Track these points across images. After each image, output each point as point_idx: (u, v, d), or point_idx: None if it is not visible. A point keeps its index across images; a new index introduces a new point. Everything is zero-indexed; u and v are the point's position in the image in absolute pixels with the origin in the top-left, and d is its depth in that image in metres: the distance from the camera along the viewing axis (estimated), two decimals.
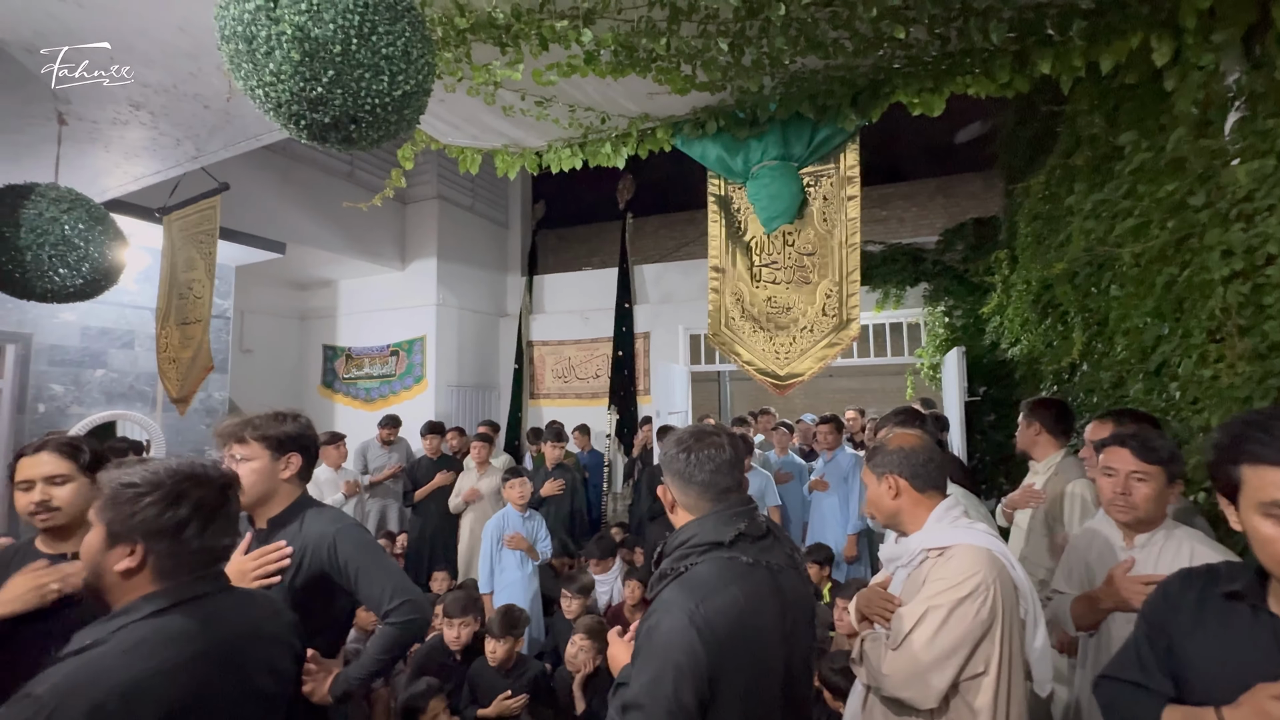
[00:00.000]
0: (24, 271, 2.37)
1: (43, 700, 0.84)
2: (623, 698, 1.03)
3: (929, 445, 1.54)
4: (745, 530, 1.15)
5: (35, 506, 1.46)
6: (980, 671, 1.31)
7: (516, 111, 2.50)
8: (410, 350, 6.39)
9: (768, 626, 1.10)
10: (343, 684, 1.47)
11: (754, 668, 1.07)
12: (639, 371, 6.57)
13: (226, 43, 1.41)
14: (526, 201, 7.84)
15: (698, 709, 1.00)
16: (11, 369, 3.85)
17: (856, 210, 2.49)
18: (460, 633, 2.95)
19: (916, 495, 1.48)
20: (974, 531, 1.41)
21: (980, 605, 1.29)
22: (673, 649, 1.01)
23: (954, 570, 1.33)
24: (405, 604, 1.49)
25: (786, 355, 2.59)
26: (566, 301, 7.17)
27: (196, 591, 1.04)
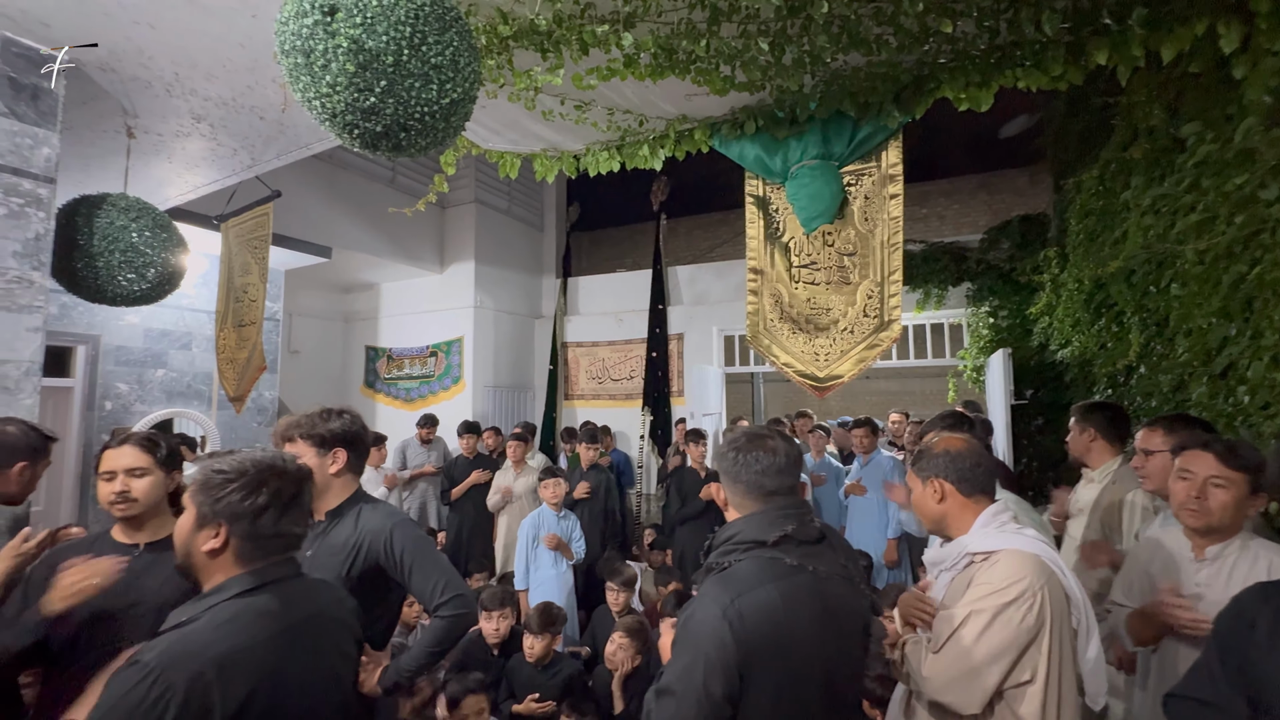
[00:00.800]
0: (96, 277, 2.52)
1: (150, 667, 0.92)
2: (657, 685, 1.07)
3: (976, 449, 1.50)
4: (792, 532, 1.15)
5: (115, 496, 1.54)
6: (1026, 680, 1.27)
7: (556, 116, 2.53)
8: (448, 351, 6.53)
9: (805, 631, 1.10)
10: (392, 675, 1.52)
11: (787, 670, 1.07)
12: (673, 373, 6.56)
13: (286, 56, 1.47)
14: (561, 204, 7.92)
15: (726, 700, 1.01)
16: (82, 368, 4.09)
17: (899, 209, 2.44)
18: (499, 625, 3.00)
19: (963, 500, 1.44)
20: (1022, 537, 1.37)
21: (1026, 611, 1.26)
22: (703, 640, 1.03)
23: (999, 575, 1.30)
24: (455, 599, 1.55)
25: (826, 357, 2.56)
26: (600, 303, 7.22)
27: (277, 575, 1.11)
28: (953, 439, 1.54)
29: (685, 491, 4.49)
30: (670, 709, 1.03)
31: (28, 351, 2.09)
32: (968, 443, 1.51)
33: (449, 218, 6.74)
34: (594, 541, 4.27)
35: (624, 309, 6.93)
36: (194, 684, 0.92)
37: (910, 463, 1.59)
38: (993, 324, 4.94)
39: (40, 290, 2.12)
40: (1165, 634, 1.54)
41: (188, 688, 0.92)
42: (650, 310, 6.60)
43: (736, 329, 6.51)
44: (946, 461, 1.46)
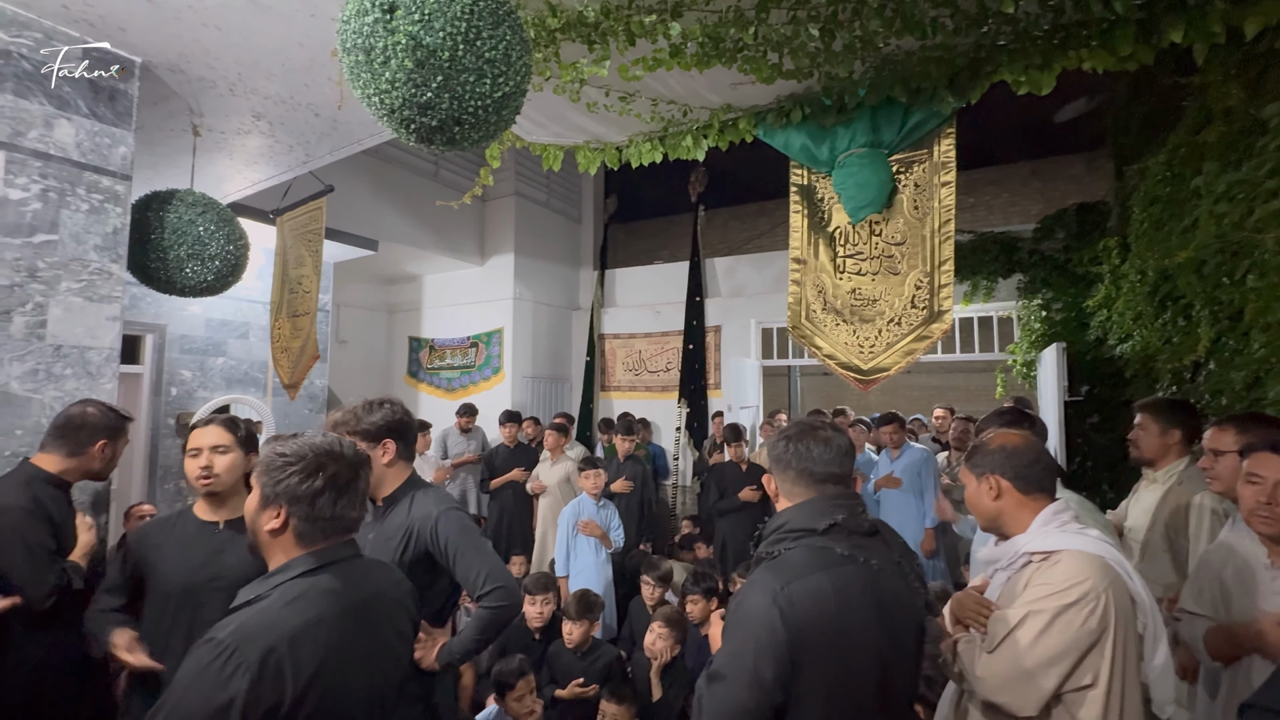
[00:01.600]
0: (166, 268, 2.66)
1: (225, 643, 0.96)
2: (708, 670, 1.08)
3: (1035, 445, 1.46)
4: (842, 521, 1.15)
5: (201, 471, 1.65)
6: (1088, 684, 1.24)
7: (600, 107, 2.54)
8: (489, 342, 6.65)
9: (857, 621, 1.09)
10: (446, 655, 1.58)
11: (840, 660, 1.06)
12: (709, 365, 6.54)
13: (347, 54, 1.52)
14: (599, 196, 7.95)
15: (777, 684, 1.01)
16: (150, 356, 4.33)
17: (951, 197, 2.37)
18: (542, 609, 3.07)
19: (1020, 497, 1.40)
20: (1085, 537, 1.33)
21: (1089, 614, 1.22)
22: (753, 625, 1.04)
23: (1060, 576, 1.27)
24: (498, 590, 1.56)
25: (871, 349, 2.51)
26: (637, 295, 7.23)
27: (338, 555, 1.15)
28: (1010, 434, 1.49)
29: (725, 485, 4.49)
30: (722, 693, 1.03)
31: (108, 339, 2.22)
32: (1025, 439, 1.47)
33: (489, 211, 6.85)
34: (630, 532, 4.32)
35: (661, 301, 6.93)
36: (266, 659, 0.96)
37: (964, 459, 1.55)
38: (1046, 317, 4.75)
39: (118, 281, 2.26)
40: (1252, 654, 1.47)
41: (261, 663, 0.95)
42: (687, 302, 6.58)
43: (774, 321, 6.43)
44: (1003, 458, 1.42)
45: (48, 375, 2.08)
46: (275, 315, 3.71)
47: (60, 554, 1.76)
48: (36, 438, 1.91)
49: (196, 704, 0.92)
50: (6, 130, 2.01)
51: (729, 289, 6.75)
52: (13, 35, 2.03)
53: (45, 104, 2.09)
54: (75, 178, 2.16)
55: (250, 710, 0.93)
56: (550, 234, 7.22)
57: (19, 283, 2.03)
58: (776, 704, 1.02)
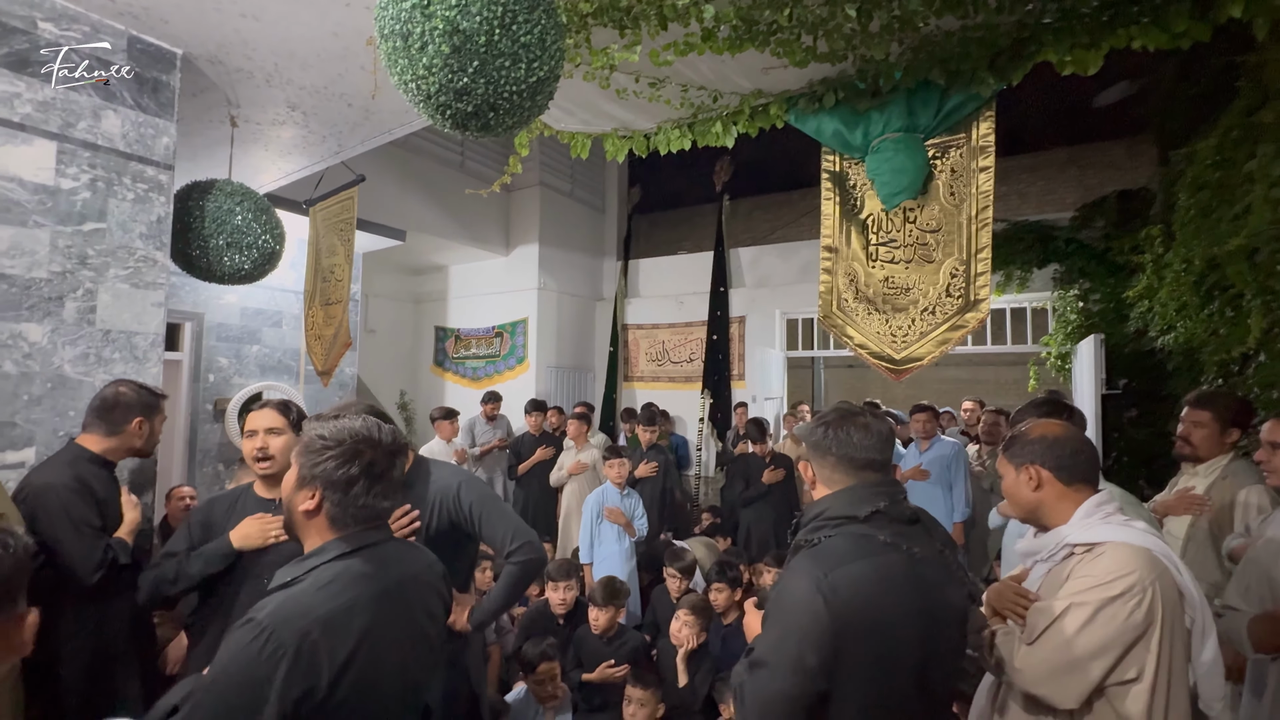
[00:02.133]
0: (207, 257, 2.73)
1: (263, 624, 0.98)
2: (750, 657, 1.07)
3: (1077, 436, 1.42)
4: (884, 509, 1.13)
5: (257, 452, 1.70)
6: (1132, 678, 1.21)
7: (629, 94, 2.53)
8: (513, 332, 6.71)
9: (900, 611, 1.07)
10: (479, 615, 1.66)
11: (882, 649, 1.05)
12: (733, 356, 6.50)
13: (385, 40, 1.53)
14: (623, 186, 7.93)
15: (821, 671, 1.00)
16: (189, 343, 4.46)
17: (990, 183, 2.31)
18: (565, 596, 3.10)
19: (1061, 488, 1.37)
20: (1130, 530, 1.29)
21: (1134, 607, 1.19)
22: (797, 612, 1.03)
23: (1104, 568, 1.24)
24: (525, 545, 1.65)
25: (904, 339, 2.47)
26: (661, 285, 7.21)
27: (371, 539, 1.15)
28: (1050, 424, 1.46)
29: (749, 475, 4.49)
30: (764, 680, 1.02)
31: (153, 324, 2.29)
32: (1067, 428, 1.43)
33: (514, 201, 6.88)
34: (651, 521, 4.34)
35: (685, 291, 6.90)
36: (303, 642, 0.97)
37: (1002, 449, 1.51)
38: (1082, 308, 4.62)
39: (162, 269, 2.32)
40: None
41: (297, 646, 0.96)
42: (711, 292, 6.54)
43: (800, 312, 6.37)
44: (1044, 447, 1.38)
45: (98, 359, 2.15)
46: (309, 303, 3.79)
47: (105, 531, 1.82)
48: None
49: (237, 683, 0.94)
50: (58, 121, 2.07)
51: (754, 279, 6.70)
52: (63, 29, 2.09)
53: (93, 95, 2.16)
54: (121, 168, 2.22)
55: (287, 693, 0.95)
56: (574, 224, 7.23)
57: (70, 269, 2.10)
58: (819, 691, 1.01)
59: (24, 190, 2.00)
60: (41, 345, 2.03)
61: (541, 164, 6.73)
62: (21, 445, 1.98)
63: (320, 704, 0.98)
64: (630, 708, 2.37)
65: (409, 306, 7.64)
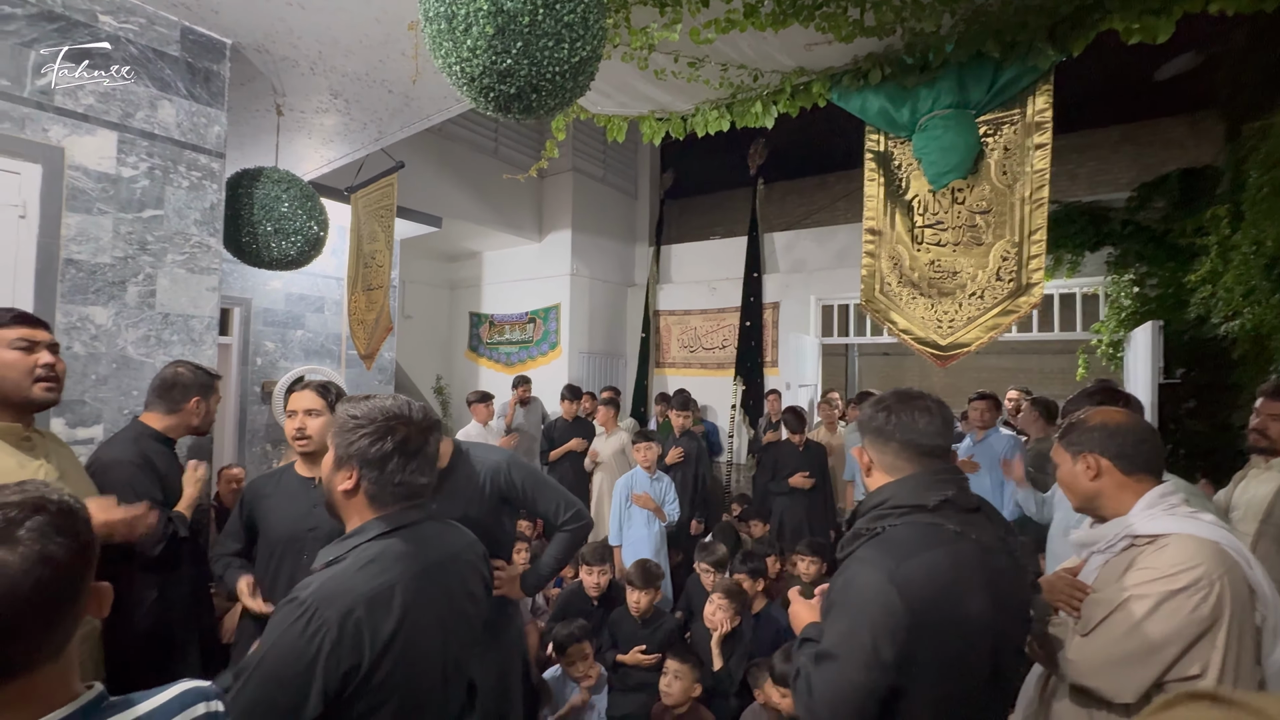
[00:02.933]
0: (255, 243, 2.82)
1: (307, 604, 0.99)
2: (815, 649, 1.03)
3: (1139, 424, 1.36)
4: (952, 498, 1.09)
5: (296, 432, 1.76)
6: (1194, 674, 1.16)
7: (668, 75, 2.49)
8: (546, 318, 6.76)
9: (974, 605, 1.03)
10: (533, 580, 1.77)
11: (956, 641, 1.01)
12: (767, 342, 6.43)
13: (429, 23, 1.54)
14: (655, 171, 7.87)
15: (895, 666, 0.97)
16: (238, 328, 4.62)
17: (1046, 161, 2.21)
18: (599, 580, 3.15)
19: (1121, 478, 1.32)
20: (1197, 521, 1.24)
21: (1200, 601, 1.14)
22: (869, 603, 0.99)
23: (1167, 560, 1.19)
24: (575, 512, 1.82)
25: (951, 324, 2.39)
26: (693, 271, 7.16)
27: (410, 519, 1.16)
28: (1112, 411, 1.40)
29: (781, 465, 4.45)
30: (833, 673, 0.99)
31: (208, 308, 2.38)
32: (1129, 416, 1.38)
33: (547, 187, 6.89)
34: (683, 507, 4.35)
35: (717, 277, 6.84)
36: (346, 620, 0.98)
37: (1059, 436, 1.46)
38: (1138, 293, 4.40)
39: (216, 254, 2.40)
40: None
41: (340, 624, 0.98)
42: (745, 278, 6.46)
43: (835, 298, 6.24)
44: (1104, 436, 1.33)
45: (158, 341, 2.25)
46: (351, 289, 3.88)
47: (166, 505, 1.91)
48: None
49: (284, 661, 0.97)
50: (118, 111, 2.15)
51: (788, 264, 6.59)
52: (121, 21, 2.16)
53: (150, 86, 2.23)
54: (177, 156, 2.30)
55: (331, 671, 0.96)
56: (607, 210, 7.22)
57: (131, 255, 2.19)
58: (891, 685, 0.98)
59: (89, 179, 2.09)
60: (107, 328, 2.13)
61: (574, 149, 6.72)
62: (91, 422, 2.08)
63: (363, 681, 1.00)
64: (666, 679, 2.39)
65: (444, 293, 7.77)
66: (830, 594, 1.06)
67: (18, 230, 1.96)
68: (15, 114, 1.94)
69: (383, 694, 1.02)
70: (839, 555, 1.12)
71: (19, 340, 1.44)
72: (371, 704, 1.02)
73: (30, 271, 1.97)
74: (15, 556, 0.64)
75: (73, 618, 0.70)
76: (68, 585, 0.68)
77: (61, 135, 2.03)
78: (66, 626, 0.70)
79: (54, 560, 0.66)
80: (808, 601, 1.27)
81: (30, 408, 1.49)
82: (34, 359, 1.46)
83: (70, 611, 0.70)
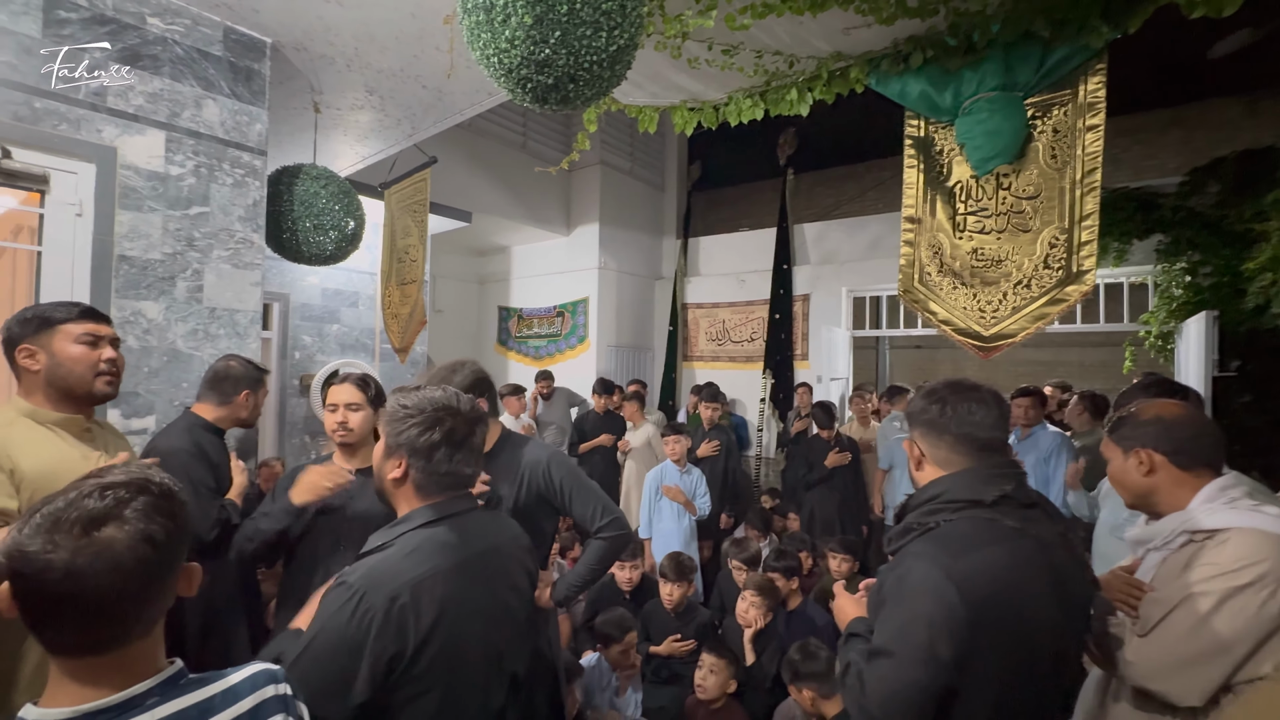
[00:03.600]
0: (295, 239, 2.88)
1: (355, 587, 1.02)
2: (867, 645, 1.01)
3: (1196, 416, 1.30)
4: (1010, 493, 1.05)
5: (337, 425, 1.80)
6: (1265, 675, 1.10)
7: (701, 63, 2.46)
8: (574, 311, 6.78)
9: (1036, 604, 0.99)
10: (564, 588, 1.68)
11: (1018, 640, 0.97)
12: (797, 335, 6.34)
13: (467, 15, 1.54)
14: (682, 163, 7.81)
15: (954, 665, 0.93)
16: (277, 323, 4.74)
17: (1098, 143, 2.12)
18: (631, 574, 3.16)
19: (1178, 473, 1.27)
20: (1262, 515, 1.18)
21: (1268, 598, 1.10)
22: (925, 599, 0.96)
23: (1230, 556, 1.15)
24: (613, 521, 1.69)
25: (994, 314, 2.32)
26: (721, 263, 7.10)
27: (456, 509, 1.17)
28: (1166, 404, 1.34)
29: (814, 459, 4.39)
30: (887, 669, 0.96)
31: (251, 303, 2.44)
32: (1185, 409, 1.32)
33: (574, 180, 6.90)
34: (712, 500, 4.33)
35: (746, 269, 6.77)
36: (391, 606, 1.00)
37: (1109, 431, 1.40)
38: (1190, 283, 4.21)
39: (259, 250, 2.46)
40: None
41: (386, 609, 1.00)
42: (774, 270, 6.38)
43: (867, 290, 6.12)
44: (1159, 430, 1.28)
45: (205, 335, 2.32)
46: (385, 283, 3.95)
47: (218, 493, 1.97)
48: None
49: (333, 644, 0.99)
50: (165, 111, 2.22)
51: (818, 256, 6.48)
52: (167, 23, 2.22)
53: (195, 86, 2.29)
54: (221, 154, 2.36)
55: (378, 655, 0.98)
56: (634, 202, 7.20)
57: (180, 251, 2.26)
58: (949, 684, 0.94)
59: (139, 177, 2.16)
60: (158, 322, 2.20)
61: (602, 143, 6.71)
62: (144, 413, 2.16)
63: (407, 668, 1.01)
64: (702, 672, 2.38)
65: (474, 287, 7.86)
66: (881, 589, 1.03)
67: (75, 228, 2.03)
68: (72, 115, 2.01)
69: (425, 683, 1.03)
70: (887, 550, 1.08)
71: (85, 335, 1.49)
72: (413, 693, 1.03)
73: (87, 267, 2.04)
74: (122, 534, 0.67)
75: (166, 595, 0.74)
76: (165, 564, 0.72)
77: (114, 135, 2.10)
78: (161, 603, 0.74)
79: (155, 540, 0.70)
80: (853, 596, 1.25)
81: (92, 401, 1.54)
82: (98, 354, 1.51)
83: (165, 589, 0.73)
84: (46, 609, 0.65)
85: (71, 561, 0.64)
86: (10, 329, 1.47)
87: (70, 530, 0.65)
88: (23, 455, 1.38)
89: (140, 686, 0.71)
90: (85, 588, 0.65)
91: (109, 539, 0.67)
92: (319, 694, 0.96)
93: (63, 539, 0.65)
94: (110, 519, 0.68)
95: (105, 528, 0.67)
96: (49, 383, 1.47)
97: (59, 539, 0.65)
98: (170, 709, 0.71)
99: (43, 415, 1.47)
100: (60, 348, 1.47)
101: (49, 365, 1.46)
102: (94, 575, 0.65)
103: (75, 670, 0.68)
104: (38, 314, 1.48)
